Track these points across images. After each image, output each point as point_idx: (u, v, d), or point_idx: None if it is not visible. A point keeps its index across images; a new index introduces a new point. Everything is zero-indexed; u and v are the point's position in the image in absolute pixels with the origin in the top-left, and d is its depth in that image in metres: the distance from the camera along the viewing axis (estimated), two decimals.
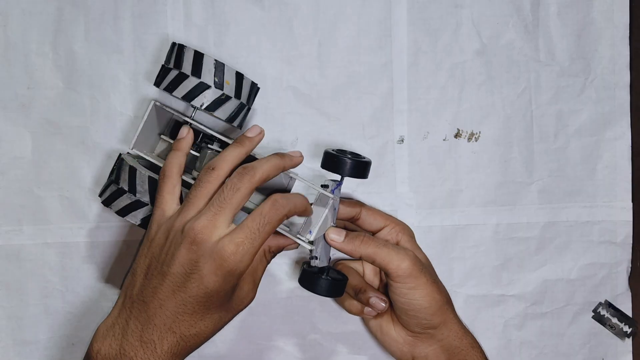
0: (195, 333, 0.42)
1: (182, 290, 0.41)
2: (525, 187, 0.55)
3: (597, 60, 0.54)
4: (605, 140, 0.55)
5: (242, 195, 0.42)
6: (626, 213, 0.55)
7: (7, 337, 0.54)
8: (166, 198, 0.45)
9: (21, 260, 0.53)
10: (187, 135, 0.48)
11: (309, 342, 0.55)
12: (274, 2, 0.53)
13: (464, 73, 0.54)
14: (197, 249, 0.41)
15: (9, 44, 0.53)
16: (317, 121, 0.54)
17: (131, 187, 0.47)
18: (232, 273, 0.41)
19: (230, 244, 0.41)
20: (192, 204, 0.43)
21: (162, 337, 0.41)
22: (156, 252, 0.43)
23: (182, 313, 0.41)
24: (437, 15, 0.54)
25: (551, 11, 0.54)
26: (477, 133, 0.55)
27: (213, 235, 0.41)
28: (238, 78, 0.48)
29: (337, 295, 0.49)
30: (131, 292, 0.43)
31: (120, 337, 0.42)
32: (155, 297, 0.41)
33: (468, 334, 0.49)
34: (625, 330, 0.55)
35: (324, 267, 0.48)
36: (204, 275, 0.41)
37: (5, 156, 0.53)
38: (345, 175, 0.47)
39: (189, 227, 0.41)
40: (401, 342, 0.50)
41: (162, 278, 0.41)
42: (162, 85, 0.48)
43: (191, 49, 0.47)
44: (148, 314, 0.41)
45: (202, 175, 0.44)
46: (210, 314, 0.42)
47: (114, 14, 0.53)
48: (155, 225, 0.44)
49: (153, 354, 0.41)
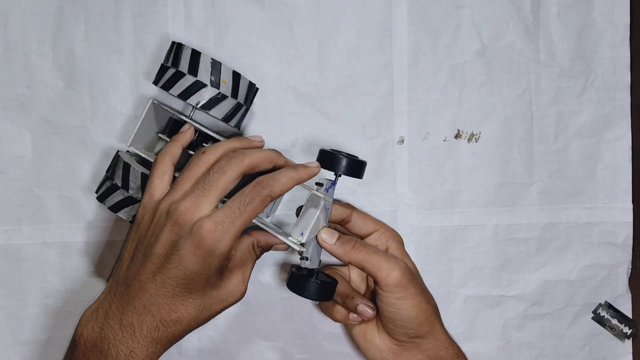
0: (176, 319, 0.41)
1: (161, 272, 0.41)
2: (526, 188, 0.55)
3: (597, 62, 0.54)
4: (605, 141, 0.55)
5: (228, 178, 0.42)
6: (626, 214, 0.55)
7: (6, 336, 0.54)
8: (155, 183, 0.45)
9: (20, 260, 0.53)
10: (188, 131, 0.48)
11: (308, 342, 0.55)
12: (274, 2, 0.53)
13: (464, 74, 0.54)
14: (179, 230, 0.40)
15: (9, 43, 0.53)
16: (317, 121, 0.54)
17: (124, 183, 0.47)
18: (211, 253, 0.40)
19: (209, 222, 0.40)
20: (179, 187, 0.43)
21: (141, 320, 0.41)
22: (142, 235, 0.43)
23: (162, 295, 0.41)
24: (437, 16, 0.54)
25: (552, 12, 0.54)
26: (477, 134, 0.55)
27: (195, 216, 0.40)
28: (235, 77, 0.48)
29: (327, 299, 0.47)
30: (117, 276, 0.43)
31: (102, 320, 0.42)
32: (136, 279, 0.41)
33: (454, 344, 0.48)
34: (625, 332, 0.55)
35: (313, 269, 0.47)
36: (183, 255, 0.40)
37: (5, 155, 0.53)
38: (341, 173, 0.46)
39: (173, 209, 0.41)
40: (385, 351, 0.49)
41: (144, 260, 0.41)
42: (159, 83, 0.48)
43: (189, 48, 0.47)
44: (129, 296, 0.41)
45: (192, 159, 0.44)
46: (192, 299, 0.41)
47: (114, 14, 0.53)
48: (142, 209, 0.44)
49: (132, 337, 0.41)
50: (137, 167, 0.47)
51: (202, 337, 0.54)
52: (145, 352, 0.41)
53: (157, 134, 0.52)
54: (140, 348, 0.41)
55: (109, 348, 0.41)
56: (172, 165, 0.46)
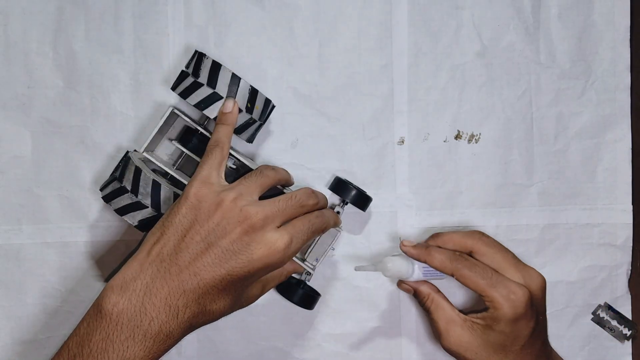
0: (214, 310, 0.43)
1: (223, 266, 0.42)
2: (525, 189, 0.55)
3: (597, 63, 0.54)
4: (605, 142, 0.55)
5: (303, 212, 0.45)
6: (626, 215, 0.55)
7: (6, 336, 0.54)
8: (214, 165, 0.45)
9: (20, 260, 0.53)
10: (234, 108, 0.48)
11: (308, 342, 0.55)
12: (274, 2, 0.53)
13: (465, 75, 0.54)
14: (253, 233, 0.42)
15: (9, 43, 0.53)
16: (317, 122, 0.54)
17: (134, 188, 0.47)
18: (275, 266, 0.43)
19: (287, 238, 0.43)
20: (249, 190, 0.44)
21: (188, 305, 0.41)
22: (201, 217, 0.42)
23: (214, 287, 0.42)
24: (437, 17, 0.54)
25: (552, 13, 0.54)
26: (477, 135, 0.55)
27: (268, 226, 0.43)
28: (266, 103, 0.50)
29: (308, 307, 0.52)
30: (160, 249, 0.42)
31: (142, 294, 0.40)
32: (193, 264, 0.41)
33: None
34: (624, 333, 0.55)
35: (302, 280, 0.52)
36: (253, 259, 0.42)
37: (5, 155, 0.53)
38: (348, 201, 0.52)
39: (252, 211, 0.42)
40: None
41: (207, 248, 0.42)
42: (192, 100, 0.48)
43: (228, 70, 0.48)
44: (180, 278, 0.41)
45: (264, 169, 0.47)
46: (231, 295, 0.43)
47: (115, 14, 0.53)
48: (198, 189, 0.44)
49: (174, 320, 0.41)
50: (149, 174, 0.47)
51: (202, 337, 0.54)
52: (180, 335, 0.42)
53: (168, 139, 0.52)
54: (179, 331, 0.41)
55: (150, 325, 0.40)
56: (228, 150, 0.47)
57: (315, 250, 0.52)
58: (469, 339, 0.48)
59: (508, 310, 0.45)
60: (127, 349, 0.40)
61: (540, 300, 0.48)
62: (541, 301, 0.48)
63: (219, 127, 0.47)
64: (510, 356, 0.47)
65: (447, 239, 0.50)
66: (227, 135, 0.47)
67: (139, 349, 0.40)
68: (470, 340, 0.48)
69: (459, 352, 0.48)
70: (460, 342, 0.48)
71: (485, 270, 0.47)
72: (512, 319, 0.46)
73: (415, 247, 0.48)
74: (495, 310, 0.46)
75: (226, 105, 0.47)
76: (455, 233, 0.50)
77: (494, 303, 0.46)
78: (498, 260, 0.48)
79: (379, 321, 0.55)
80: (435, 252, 0.48)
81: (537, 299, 0.47)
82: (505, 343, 0.47)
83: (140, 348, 0.40)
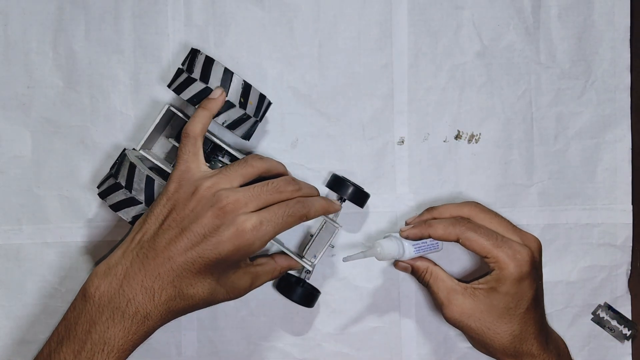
0: (192, 294, 0.44)
1: (194, 249, 0.43)
2: (525, 189, 0.55)
3: (597, 63, 0.54)
4: (605, 142, 0.55)
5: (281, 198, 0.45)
6: (626, 215, 0.55)
7: (6, 336, 0.54)
8: (191, 158, 0.46)
9: (20, 260, 0.53)
10: (219, 97, 0.48)
11: (308, 342, 0.55)
12: (274, 2, 0.53)
13: (465, 75, 0.54)
14: (224, 217, 0.43)
15: (9, 42, 0.53)
16: (317, 122, 0.54)
17: (128, 184, 0.47)
18: (246, 247, 0.43)
19: (255, 219, 0.43)
20: (228, 177, 0.45)
21: (163, 287, 0.43)
22: (179, 205, 0.44)
23: (188, 270, 0.43)
24: (437, 17, 0.54)
25: (552, 13, 0.54)
26: (477, 135, 0.55)
27: (241, 210, 0.43)
28: (260, 99, 0.50)
29: (308, 305, 0.52)
30: (141, 237, 0.44)
31: (122, 277, 0.43)
32: (167, 248, 0.43)
33: None
34: (624, 333, 0.55)
35: (302, 278, 0.52)
36: (222, 241, 0.43)
37: (5, 155, 0.53)
38: (345, 198, 0.51)
39: (223, 195, 0.43)
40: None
41: (180, 232, 0.43)
42: (185, 95, 0.48)
43: (221, 65, 0.48)
44: (156, 262, 0.43)
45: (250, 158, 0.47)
46: (209, 279, 0.44)
47: (115, 14, 0.53)
48: (177, 178, 0.46)
49: (150, 302, 0.43)
50: (143, 169, 0.47)
51: (202, 337, 0.54)
52: (159, 318, 0.43)
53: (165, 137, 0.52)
54: (156, 313, 0.43)
55: (127, 306, 0.42)
56: (202, 137, 0.47)
57: (313, 247, 0.52)
58: (472, 306, 0.47)
59: (514, 270, 0.46)
60: (107, 329, 0.42)
61: (539, 264, 0.48)
62: (539, 265, 0.48)
63: (197, 111, 0.48)
64: (514, 320, 0.47)
65: (443, 210, 0.50)
66: (202, 122, 0.47)
67: (118, 329, 0.42)
68: (473, 306, 0.47)
69: (461, 321, 0.48)
70: (462, 310, 0.48)
71: (489, 231, 0.47)
72: (518, 279, 0.46)
73: (414, 227, 0.48)
74: (501, 270, 0.46)
75: (214, 92, 0.48)
76: (450, 205, 0.50)
77: (500, 263, 0.46)
78: (495, 225, 0.48)
79: (379, 321, 0.55)
80: (435, 222, 0.48)
81: (537, 261, 0.48)
82: (510, 305, 0.47)
83: (119, 328, 0.42)
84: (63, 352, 0.42)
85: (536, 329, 0.48)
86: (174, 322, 0.54)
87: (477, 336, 0.48)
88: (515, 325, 0.47)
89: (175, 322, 0.54)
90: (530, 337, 0.47)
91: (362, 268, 0.55)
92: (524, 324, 0.47)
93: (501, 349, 0.48)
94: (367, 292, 0.55)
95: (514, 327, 0.47)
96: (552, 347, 0.49)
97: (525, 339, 0.47)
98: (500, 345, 0.47)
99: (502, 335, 0.47)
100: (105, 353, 0.42)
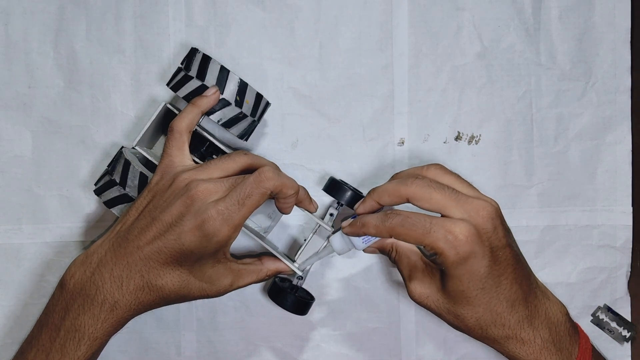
0: (161, 285, 0.44)
1: (160, 239, 0.43)
2: (525, 190, 0.55)
3: (598, 64, 0.54)
4: (605, 144, 0.55)
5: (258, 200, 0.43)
6: (626, 217, 0.55)
7: (5, 336, 0.54)
8: (175, 152, 0.47)
9: (20, 259, 0.53)
10: (212, 95, 0.48)
11: (307, 343, 0.55)
12: (275, 3, 0.53)
13: (465, 76, 0.54)
14: (191, 205, 0.42)
15: (10, 42, 0.53)
16: (317, 123, 0.54)
17: (122, 180, 0.48)
18: (209, 238, 0.42)
19: (213, 209, 0.42)
20: (207, 170, 0.45)
21: (131, 277, 0.43)
22: (157, 196, 0.45)
23: (155, 260, 0.43)
24: (438, 18, 0.54)
25: (552, 15, 0.54)
26: (477, 136, 0.55)
27: (209, 198, 0.43)
28: (257, 98, 0.50)
29: (301, 313, 0.51)
30: (120, 227, 0.45)
31: (95, 266, 0.44)
32: (138, 237, 0.43)
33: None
34: (624, 335, 0.55)
35: (295, 285, 0.51)
36: (184, 231, 0.42)
37: (5, 155, 0.53)
38: (343, 203, 0.50)
39: (194, 185, 0.43)
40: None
41: (151, 221, 0.43)
42: (181, 93, 0.48)
43: (217, 63, 0.48)
44: (125, 251, 0.43)
45: (235, 154, 0.46)
46: (179, 271, 0.44)
47: (116, 14, 0.53)
48: (161, 171, 0.46)
49: (118, 290, 0.43)
50: (137, 166, 0.47)
51: (201, 337, 0.54)
52: (128, 307, 0.43)
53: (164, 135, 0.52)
54: (125, 302, 0.43)
55: (96, 294, 0.43)
56: (188, 133, 0.47)
57: (305, 252, 0.51)
58: (430, 286, 0.44)
59: (450, 253, 0.41)
60: (77, 316, 0.43)
61: (492, 233, 0.42)
62: (494, 233, 0.42)
63: (186, 107, 0.48)
64: (473, 303, 0.43)
65: (381, 192, 0.45)
66: (189, 117, 0.47)
67: (88, 316, 0.43)
68: (430, 286, 0.44)
69: (421, 301, 0.45)
70: (421, 290, 0.45)
71: (418, 218, 0.42)
72: (458, 261, 0.41)
73: (350, 226, 0.45)
74: (439, 256, 0.41)
75: (208, 90, 0.48)
76: (388, 183, 0.45)
77: (435, 249, 0.41)
78: (437, 200, 0.42)
79: (379, 321, 0.55)
80: (366, 221, 0.43)
81: (487, 231, 0.41)
82: (461, 288, 0.42)
83: (88, 316, 0.43)
84: (42, 338, 0.44)
85: (507, 308, 0.43)
86: (174, 323, 0.54)
87: (441, 317, 0.45)
88: (478, 307, 0.43)
89: (175, 322, 0.54)
90: (501, 318, 0.43)
91: (362, 268, 0.55)
92: (487, 305, 0.42)
93: (470, 333, 0.44)
94: (367, 292, 0.55)
95: (476, 309, 0.43)
96: (538, 323, 0.44)
97: (494, 321, 0.43)
98: (467, 329, 0.44)
99: (467, 319, 0.43)
100: (76, 340, 0.43)
